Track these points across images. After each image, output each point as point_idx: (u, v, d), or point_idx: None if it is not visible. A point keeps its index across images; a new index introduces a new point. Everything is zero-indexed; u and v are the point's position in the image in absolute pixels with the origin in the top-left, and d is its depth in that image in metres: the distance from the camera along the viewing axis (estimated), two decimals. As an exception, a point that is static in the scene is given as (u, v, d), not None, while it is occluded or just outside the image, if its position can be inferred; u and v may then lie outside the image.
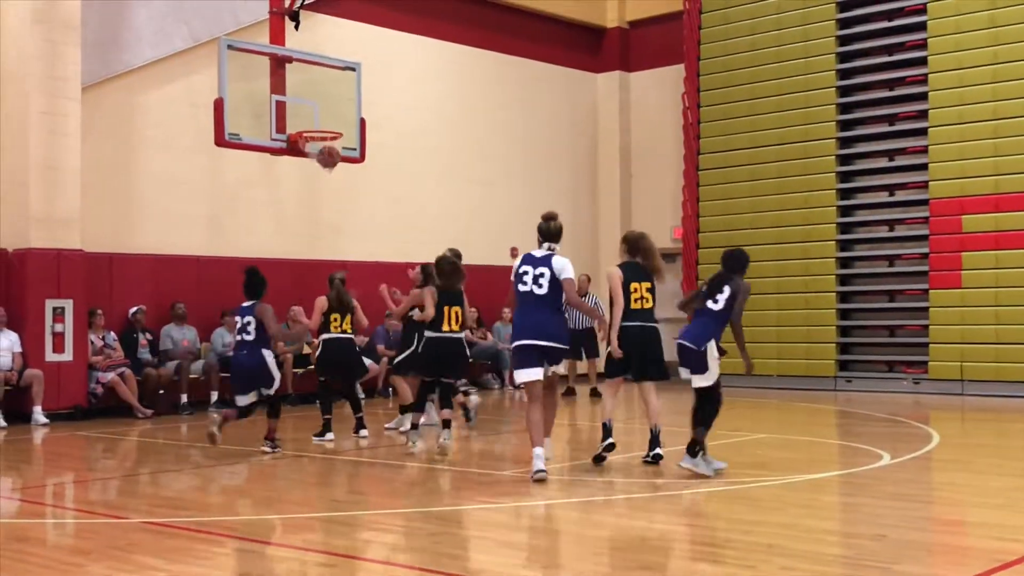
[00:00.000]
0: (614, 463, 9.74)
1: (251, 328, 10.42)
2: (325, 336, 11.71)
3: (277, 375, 10.60)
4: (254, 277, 10.63)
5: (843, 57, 18.94)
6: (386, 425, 12.65)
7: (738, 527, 6.96)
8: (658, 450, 9.47)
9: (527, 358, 8.85)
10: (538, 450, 8.66)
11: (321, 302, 11.74)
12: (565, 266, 8.91)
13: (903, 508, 7.56)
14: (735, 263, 9.37)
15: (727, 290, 9.17)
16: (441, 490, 8.84)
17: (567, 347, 9.00)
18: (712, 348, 9.01)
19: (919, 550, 6.40)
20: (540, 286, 8.88)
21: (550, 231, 9.02)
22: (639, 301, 9.62)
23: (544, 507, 7.93)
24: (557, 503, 8.06)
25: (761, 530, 6.77)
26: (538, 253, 9.00)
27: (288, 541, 6.80)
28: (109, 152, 15.15)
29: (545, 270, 8.87)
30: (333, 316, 11.68)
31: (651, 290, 9.70)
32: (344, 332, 11.73)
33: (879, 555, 6.08)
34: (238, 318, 10.60)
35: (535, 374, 8.86)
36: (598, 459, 9.52)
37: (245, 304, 10.55)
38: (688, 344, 9.06)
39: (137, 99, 15.55)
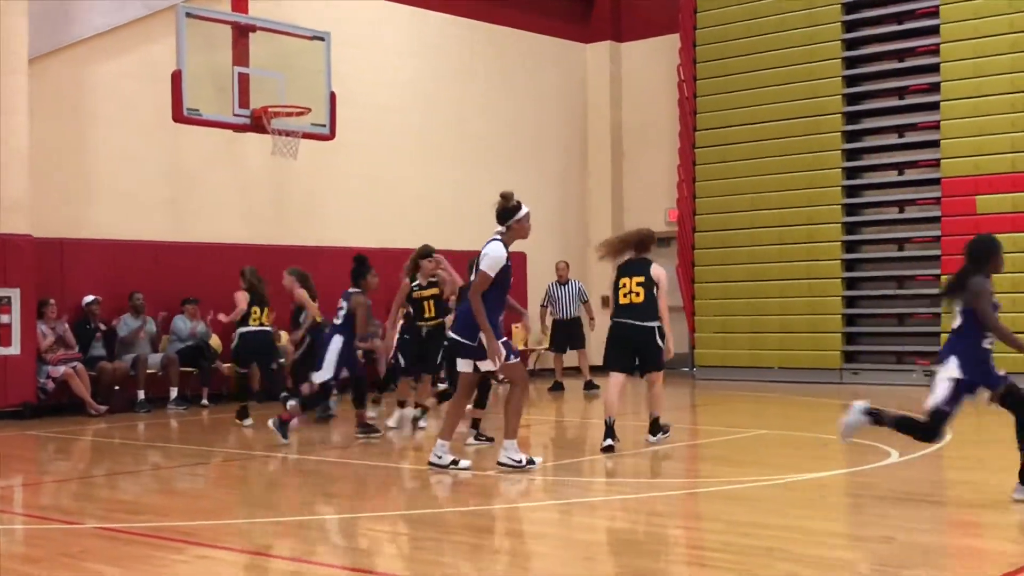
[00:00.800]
0: (605, 463, 9.77)
1: (342, 314, 11.37)
2: (243, 329, 12.95)
3: (329, 364, 11.13)
4: (358, 265, 11.44)
5: (849, 26, 18.95)
6: (388, 423, 12.45)
7: (736, 529, 6.98)
8: (660, 435, 10.32)
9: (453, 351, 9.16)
10: (441, 442, 9.00)
11: (243, 296, 12.95)
12: (486, 254, 8.69)
13: (913, 509, 7.60)
14: (968, 255, 7.75)
15: (960, 301, 7.69)
16: (419, 492, 8.84)
17: (471, 343, 8.72)
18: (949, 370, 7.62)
19: (930, 553, 6.43)
20: (472, 274, 9.00)
21: (496, 211, 8.88)
22: (628, 296, 10.01)
23: (530, 510, 7.94)
24: (544, 505, 8.08)
25: (761, 532, 6.80)
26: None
27: (254, 547, 6.79)
28: (59, 130, 15.06)
29: (478, 258, 8.88)
30: (253, 309, 12.91)
31: (643, 284, 10.01)
32: (262, 325, 13.02)
33: (887, 559, 6.11)
34: (340, 300, 11.52)
35: (460, 365, 9.03)
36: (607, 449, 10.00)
37: (348, 290, 11.45)
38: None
39: (88, 72, 15.46)
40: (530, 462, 8.85)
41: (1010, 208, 16.89)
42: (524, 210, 8.88)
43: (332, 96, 15.16)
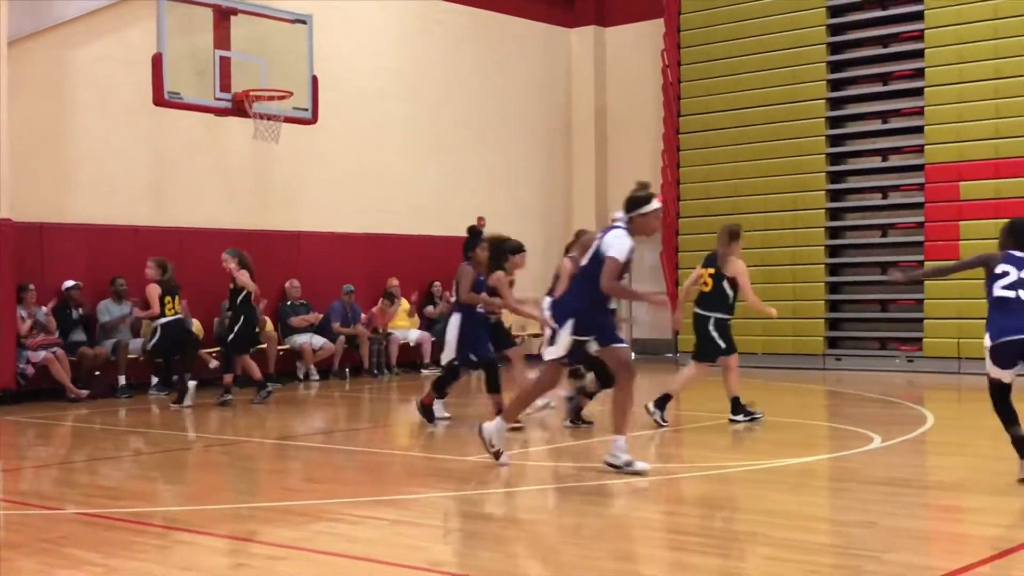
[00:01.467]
0: (590, 449, 9.78)
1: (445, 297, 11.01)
2: (163, 320, 13.75)
3: (450, 344, 10.94)
4: (469, 237, 11.42)
5: (834, 12, 18.97)
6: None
7: (720, 514, 7.00)
8: (659, 415, 10.76)
9: None
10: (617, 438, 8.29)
11: (155, 289, 13.63)
12: (612, 243, 8.11)
13: (895, 494, 7.63)
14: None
15: None
16: (401, 477, 8.84)
17: (559, 326, 8.29)
18: None
19: (912, 538, 6.46)
20: (585, 259, 8.42)
21: (625, 199, 8.32)
22: (703, 286, 11.20)
23: (513, 495, 7.94)
24: (527, 490, 8.08)
25: (744, 517, 6.82)
26: None
27: (235, 532, 6.77)
28: (39, 113, 14.96)
29: (598, 243, 8.33)
30: (166, 299, 13.66)
31: (714, 276, 11.06)
32: (176, 314, 13.83)
33: (869, 543, 6.13)
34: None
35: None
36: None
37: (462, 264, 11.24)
38: None
39: (68, 55, 15.36)
40: (628, 464, 8.11)
41: (992, 194, 16.95)
42: (653, 205, 8.26)
43: (314, 80, 15.10)
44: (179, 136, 16.03)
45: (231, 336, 13.51)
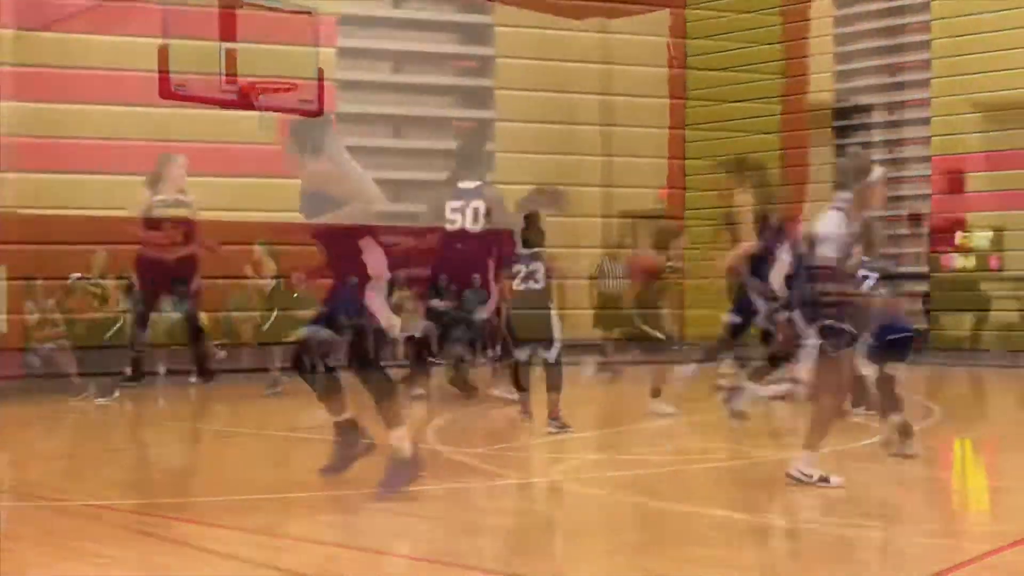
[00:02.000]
0: (589, 439, 9.77)
1: (540, 276, 10.35)
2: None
3: (557, 335, 10.15)
4: (534, 223, 10.62)
5: (841, 2, 18.93)
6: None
7: (725, 506, 6.99)
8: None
9: None
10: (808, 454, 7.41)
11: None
12: (817, 233, 7.21)
13: (901, 485, 7.62)
14: None
15: None
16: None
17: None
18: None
19: (916, 529, 6.45)
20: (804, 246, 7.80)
21: (840, 173, 7.47)
22: None
23: (517, 487, 7.94)
24: (530, 482, 8.08)
25: (749, 509, 6.81)
26: None
27: (240, 524, 6.77)
28: (45, 103, 14.96)
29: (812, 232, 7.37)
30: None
31: None
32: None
33: (876, 535, 6.13)
34: (523, 264, 10.49)
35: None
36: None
37: (529, 251, 10.57)
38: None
39: (74, 46, 15.35)
40: (823, 479, 7.26)
41: (999, 186, 16.90)
42: (878, 172, 7.27)
43: (320, 72, 15.08)
44: (185, 127, 16.00)
45: (266, 327, 13.69)
